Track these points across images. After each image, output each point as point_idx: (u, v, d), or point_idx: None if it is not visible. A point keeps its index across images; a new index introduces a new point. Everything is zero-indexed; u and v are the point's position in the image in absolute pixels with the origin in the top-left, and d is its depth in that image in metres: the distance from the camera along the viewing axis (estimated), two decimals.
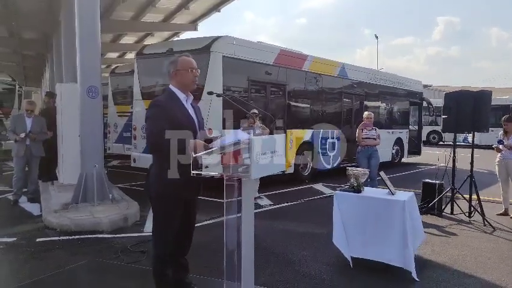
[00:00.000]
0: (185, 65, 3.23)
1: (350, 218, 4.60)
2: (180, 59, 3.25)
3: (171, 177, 2.99)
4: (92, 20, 7.23)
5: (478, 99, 6.94)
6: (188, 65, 3.24)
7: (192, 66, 3.25)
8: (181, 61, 3.24)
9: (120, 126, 13.41)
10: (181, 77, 3.23)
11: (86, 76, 7.19)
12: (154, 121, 3.09)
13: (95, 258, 4.87)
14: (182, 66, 3.23)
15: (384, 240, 4.43)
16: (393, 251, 4.37)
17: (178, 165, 3.02)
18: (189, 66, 3.24)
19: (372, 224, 4.50)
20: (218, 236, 5.06)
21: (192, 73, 3.23)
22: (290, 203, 8.10)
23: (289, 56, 10.55)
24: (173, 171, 3.00)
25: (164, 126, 2.98)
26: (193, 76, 3.25)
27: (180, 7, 16.41)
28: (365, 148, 8.29)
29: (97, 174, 6.91)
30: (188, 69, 3.23)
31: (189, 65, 3.24)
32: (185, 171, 2.97)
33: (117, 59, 27.44)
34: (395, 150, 14.69)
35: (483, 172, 11.28)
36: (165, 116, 3.08)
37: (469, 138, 19.13)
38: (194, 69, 3.25)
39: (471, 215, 6.93)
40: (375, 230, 4.47)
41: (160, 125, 3.00)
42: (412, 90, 16.06)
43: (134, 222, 6.41)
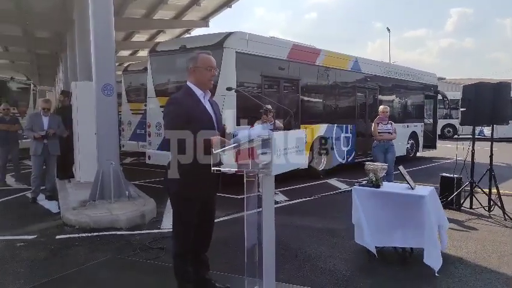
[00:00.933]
0: (204, 63, 3.22)
1: (370, 213, 4.55)
2: (200, 56, 3.24)
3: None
4: (106, 18, 7.26)
5: (497, 91, 6.81)
6: (207, 63, 3.23)
7: (210, 65, 3.24)
8: (200, 58, 3.24)
9: (134, 123, 13.50)
10: (199, 74, 3.22)
11: (101, 74, 7.23)
12: (173, 119, 3.09)
13: (115, 255, 4.90)
14: (201, 64, 3.22)
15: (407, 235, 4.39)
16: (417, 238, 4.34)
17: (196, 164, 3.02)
18: (208, 64, 3.23)
19: (394, 220, 4.45)
20: (236, 232, 5.10)
21: (210, 72, 3.23)
22: (306, 199, 8.08)
23: (302, 51, 10.48)
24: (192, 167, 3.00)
25: (183, 123, 2.98)
26: (211, 75, 3.24)
27: (191, 3, 16.39)
28: (381, 142, 8.20)
29: (113, 172, 6.95)
30: (207, 68, 3.22)
31: (208, 63, 3.23)
32: (205, 169, 2.96)
33: (129, 56, 27.58)
34: (409, 144, 14.54)
35: (501, 166, 11.11)
36: (183, 113, 3.07)
37: (485, 131, 18.91)
38: (213, 68, 3.24)
39: (491, 209, 6.82)
40: (397, 226, 4.43)
41: (179, 122, 3.00)
42: (427, 83, 15.85)
43: (151, 219, 6.45)
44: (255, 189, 3.13)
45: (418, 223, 4.34)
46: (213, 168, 2.93)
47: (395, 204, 4.48)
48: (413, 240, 4.42)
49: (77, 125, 8.81)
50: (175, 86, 9.32)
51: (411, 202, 4.43)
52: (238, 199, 7.07)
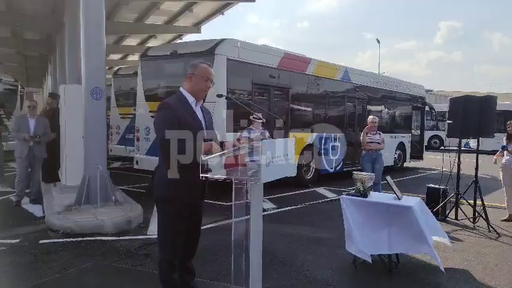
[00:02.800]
0: (202, 73, 3.24)
1: (358, 223, 4.57)
2: (201, 65, 3.27)
3: (172, 177, 3.00)
4: (97, 22, 7.23)
5: (483, 104, 6.91)
6: (205, 74, 3.24)
7: (208, 75, 3.25)
8: (200, 67, 3.26)
9: (122, 128, 13.41)
10: (195, 82, 3.24)
11: (90, 77, 7.18)
12: (165, 123, 3.09)
13: (99, 261, 4.84)
14: (199, 72, 3.24)
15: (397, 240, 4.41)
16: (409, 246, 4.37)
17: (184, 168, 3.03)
18: (205, 74, 3.24)
19: (381, 229, 4.47)
20: (223, 240, 5.08)
21: (205, 82, 3.24)
22: (294, 207, 8.08)
23: (293, 60, 10.54)
24: (180, 172, 3.01)
25: (174, 127, 2.99)
26: (206, 86, 3.25)
27: (184, 10, 16.42)
28: (369, 152, 8.26)
29: (100, 176, 6.88)
30: (204, 77, 3.23)
31: (206, 73, 3.25)
32: (193, 174, 2.96)
33: (120, 60, 27.45)
34: (397, 154, 14.66)
35: (486, 177, 11.26)
36: (174, 117, 3.08)
37: (470, 144, 19.15)
38: (209, 79, 3.25)
39: (475, 220, 6.89)
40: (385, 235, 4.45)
41: (171, 127, 3.01)
42: (414, 94, 16.04)
43: (138, 224, 6.38)
44: (243, 196, 3.12)
45: (406, 231, 4.37)
46: (201, 175, 2.93)
47: (382, 214, 4.50)
48: (400, 245, 4.43)
49: (65, 128, 8.72)
50: (165, 91, 9.29)
51: (398, 212, 4.46)
52: (226, 206, 7.05)
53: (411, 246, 4.40)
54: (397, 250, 4.53)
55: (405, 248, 4.48)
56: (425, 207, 4.95)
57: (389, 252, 4.52)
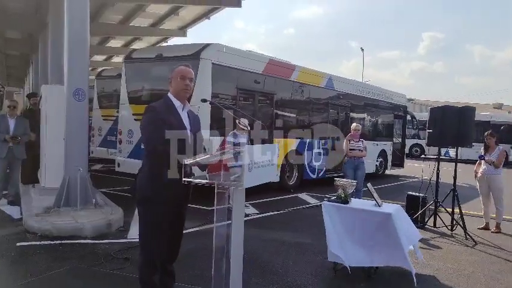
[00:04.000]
0: (176, 73, 3.29)
1: (339, 229, 4.61)
2: (176, 68, 3.33)
3: (171, 177, 3.02)
4: (82, 23, 7.16)
5: (462, 114, 7.07)
6: (179, 73, 3.28)
7: (182, 74, 3.28)
8: (176, 69, 3.32)
9: (105, 130, 13.28)
10: (174, 84, 3.30)
11: (73, 78, 7.10)
12: (151, 126, 3.13)
13: (78, 264, 4.77)
14: (175, 74, 3.30)
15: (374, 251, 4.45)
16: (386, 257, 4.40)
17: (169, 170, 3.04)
18: (180, 74, 3.28)
19: (360, 235, 4.53)
20: (204, 244, 5.06)
21: (182, 81, 3.26)
22: (276, 212, 8.10)
23: (277, 66, 10.61)
24: (173, 172, 3.04)
25: (160, 130, 3.01)
26: (184, 85, 3.27)
27: (170, 13, 16.40)
28: (351, 159, 8.35)
29: (80, 178, 6.79)
30: (180, 77, 3.26)
31: (180, 73, 3.28)
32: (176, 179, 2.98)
33: (103, 62, 27.20)
34: (379, 162, 14.84)
35: (464, 186, 11.47)
36: (159, 120, 3.11)
37: (450, 153, 19.52)
38: (186, 78, 3.27)
39: (453, 228, 7.02)
40: (364, 241, 4.50)
41: (157, 129, 3.04)
42: (397, 103, 16.29)
43: (118, 228, 6.31)
44: (225, 201, 3.13)
45: (385, 240, 4.42)
46: (184, 179, 2.94)
47: (362, 221, 4.56)
48: (379, 258, 4.47)
49: (45, 129, 8.58)
50: (149, 94, 9.26)
51: (378, 219, 4.51)
52: (208, 210, 7.03)
53: (389, 258, 4.43)
54: (375, 262, 4.54)
55: (384, 260, 4.50)
56: (404, 214, 5.03)
57: (367, 265, 4.55)
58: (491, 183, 7.31)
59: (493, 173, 7.28)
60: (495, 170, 7.26)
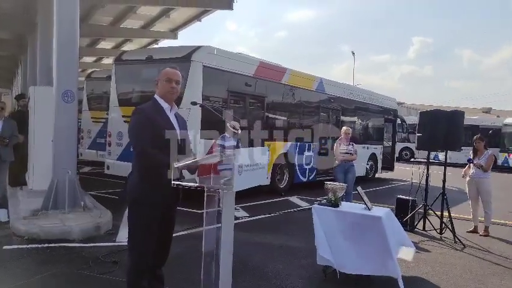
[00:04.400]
0: (163, 75, 3.27)
1: (329, 232, 4.60)
2: (163, 70, 3.30)
3: (161, 179, 3.00)
4: (71, 23, 7.10)
5: (451, 118, 7.12)
6: (165, 76, 3.26)
7: (168, 76, 3.25)
8: (162, 71, 3.29)
9: (94, 132, 13.18)
10: (160, 86, 3.27)
11: (62, 80, 7.03)
12: (139, 129, 3.11)
13: (65, 268, 4.71)
14: (161, 76, 3.27)
15: (364, 255, 4.44)
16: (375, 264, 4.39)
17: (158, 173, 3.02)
18: (167, 76, 3.25)
19: (350, 239, 4.52)
20: (194, 247, 5.02)
21: (169, 84, 3.23)
22: (266, 215, 8.09)
23: (268, 69, 10.62)
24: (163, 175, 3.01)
25: (149, 133, 2.99)
26: (170, 87, 3.24)
27: (161, 15, 16.37)
28: (342, 163, 8.37)
29: (69, 181, 6.72)
30: (166, 79, 3.24)
31: (167, 75, 3.26)
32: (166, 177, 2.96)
33: (93, 63, 27.03)
34: (369, 165, 14.90)
35: (453, 190, 11.56)
36: (148, 123, 3.10)
37: (439, 156, 19.69)
38: (172, 80, 3.24)
39: (442, 231, 7.06)
40: (354, 245, 4.49)
41: (146, 132, 3.02)
42: (387, 107, 16.39)
43: (107, 231, 6.25)
44: (215, 204, 3.11)
45: (374, 245, 4.42)
46: (173, 182, 2.92)
47: (352, 224, 4.56)
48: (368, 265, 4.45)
49: (34, 130, 8.50)
50: (139, 96, 9.20)
51: (368, 222, 4.52)
52: (199, 214, 6.99)
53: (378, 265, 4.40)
54: (364, 270, 4.50)
55: (372, 268, 4.47)
56: (394, 218, 5.03)
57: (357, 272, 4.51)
58: (480, 187, 7.37)
59: (481, 177, 7.34)
60: (484, 174, 7.33)
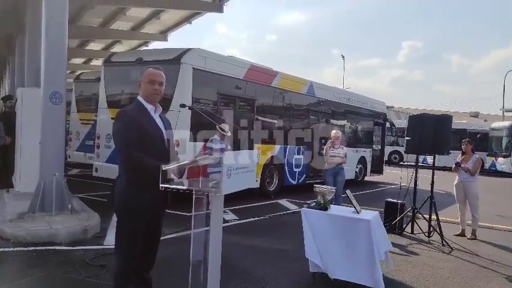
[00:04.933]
0: (146, 76, 3.22)
1: (318, 235, 4.60)
2: (145, 71, 3.25)
3: (149, 183, 2.96)
4: (60, 24, 7.03)
5: (439, 122, 7.18)
6: (147, 77, 3.21)
7: (151, 78, 3.20)
8: (145, 73, 3.24)
9: (83, 134, 13.06)
10: (143, 87, 3.22)
11: (50, 81, 6.96)
12: (125, 132, 3.05)
13: (52, 271, 4.64)
14: (144, 77, 3.22)
15: (352, 259, 4.44)
16: (362, 271, 4.39)
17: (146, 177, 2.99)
18: (149, 77, 3.20)
19: (339, 242, 4.52)
20: (182, 251, 4.98)
21: (151, 85, 3.18)
22: (256, 218, 8.08)
23: (259, 72, 10.63)
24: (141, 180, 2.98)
25: (135, 136, 2.95)
26: (152, 89, 3.19)
27: (151, 17, 16.33)
28: (331, 166, 8.39)
29: (56, 183, 6.65)
30: (149, 81, 3.19)
31: (150, 76, 3.21)
32: (154, 183, 2.93)
33: (83, 65, 26.85)
34: (358, 168, 14.97)
35: (441, 193, 11.65)
36: (133, 125, 3.05)
37: (428, 160, 19.83)
38: (155, 82, 3.19)
39: (430, 234, 7.11)
40: (343, 248, 4.50)
41: (131, 136, 2.97)
42: (376, 110, 16.49)
43: (94, 234, 6.19)
44: (203, 207, 3.10)
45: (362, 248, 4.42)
46: (161, 185, 2.90)
47: (341, 227, 4.56)
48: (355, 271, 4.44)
49: (21, 132, 8.39)
50: (129, 98, 9.13)
51: (356, 226, 4.53)
52: (187, 216, 6.95)
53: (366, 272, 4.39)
54: (353, 277, 4.46)
55: (360, 275, 4.44)
56: (380, 223, 5.03)
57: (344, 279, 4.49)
58: (467, 190, 7.44)
59: (469, 181, 7.41)
60: (471, 178, 7.40)
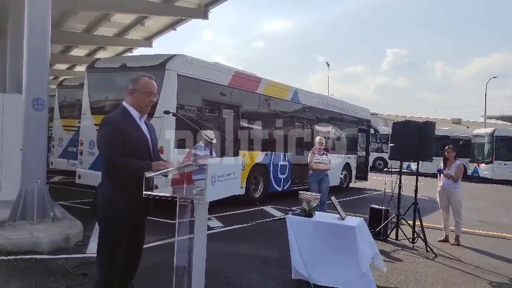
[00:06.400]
0: (144, 87, 3.17)
1: (303, 242, 4.60)
2: (141, 80, 3.19)
3: (135, 191, 2.94)
4: (43, 30, 6.95)
5: (423, 129, 7.26)
6: (147, 88, 3.17)
7: (150, 90, 3.18)
8: (141, 82, 3.18)
9: (66, 140, 12.91)
10: (138, 97, 3.17)
11: (32, 87, 6.85)
12: (110, 139, 3.00)
13: (33, 281, 4.55)
14: (141, 87, 3.17)
15: (337, 266, 4.44)
16: (348, 277, 4.39)
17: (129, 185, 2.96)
18: (148, 89, 3.18)
19: (324, 249, 4.53)
20: (166, 258, 4.94)
21: (149, 97, 3.17)
22: (241, 225, 8.04)
23: (244, 78, 10.64)
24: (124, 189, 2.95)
25: (120, 144, 2.91)
26: (149, 100, 3.18)
27: (135, 23, 16.24)
28: (316, 172, 8.42)
29: (38, 191, 6.53)
30: (147, 92, 3.16)
31: (149, 88, 3.18)
32: (137, 191, 2.90)
33: (66, 71, 26.54)
34: (343, 175, 15.05)
35: (425, 199, 11.78)
36: (119, 133, 3.00)
37: (412, 166, 20.06)
38: (152, 94, 3.19)
39: (414, 241, 7.15)
40: (328, 255, 4.50)
41: (116, 143, 2.93)
42: (361, 117, 16.64)
43: (77, 242, 6.09)
44: (188, 214, 3.07)
45: (347, 255, 4.43)
46: (145, 193, 2.87)
47: (326, 234, 4.57)
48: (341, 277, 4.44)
49: (1, 139, 8.24)
50: (113, 105, 9.05)
51: (341, 232, 4.54)
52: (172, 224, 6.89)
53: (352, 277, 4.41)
54: (337, 283, 4.47)
55: (345, 280, 4.45)
56: (366, 229, 5.06)
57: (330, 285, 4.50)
58: (450, 197, 7.53)
59: (451, 187, 7.51)
60: (454, 184, 7.50)
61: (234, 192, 3.26)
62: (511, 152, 24.25)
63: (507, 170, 23.66)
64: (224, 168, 3.05)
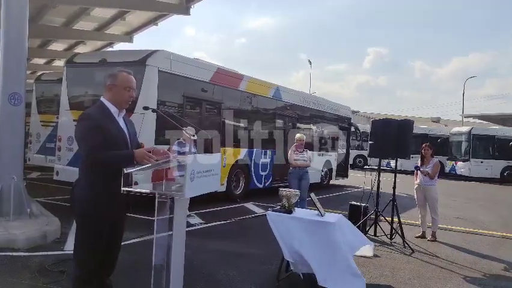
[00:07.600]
0: (123, 83, 3.12)
1: (284, 238, 4.63)
2: (120, 75, 3.14)
3: (114, 187, 2.92)
4: (20, 22, 6.81)
5: (401, 127, 7.37)
6: (126, 84, 3.13)
7: (129, 85, 3.14)
8: (120, 77, 3.13)
9: (43, 136, 12.68)
10: (117, 93, 3.12)
11: (9, 82, 6.72)
12: (88, 135, 2.95)
13: (9, 278, 4.47)
14: (120, 83, 3.11)
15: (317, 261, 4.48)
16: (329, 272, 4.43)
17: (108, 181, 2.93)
18: (127, 84, 3.13)
19: (304, 244, 4.56)
20: (145, 255, 4.89)
21: (128, 92, 3.13)
22: (221, 222, 8.05)
23: (225, 75, 10.62)
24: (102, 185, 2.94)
25: (99, 137, 2.88)
26: (129, 96, 3.14)
27: (116, 17, 16.04)
28: (296, 169, 8.48)
29: (14, 187, 6.42)
30: (126, 88, 3.12)
31: (127, 83, 3.13)
32: (116, 187, 2.88)
33: (44, 65, 26.05)
34: (324, 172, 15.17)
35: (403, 196, 11.98)
36: (97, 128, 2.96)
37: (391, 164, 20.36)
38: (131, 89, 3.15)
39: (392, 237, 7.28)
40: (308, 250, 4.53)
41: (96, 138, 2.89)
42: (341, 115, 16.79)
43: (54, 239, 6.00)
44: (167, 211, 3.07)
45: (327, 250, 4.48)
46: (123, 189, 2.85)
47: (305, 231, 4.61)
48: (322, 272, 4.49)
49: None
50: (92, 100, 8.93)
51: (320, 229, 4.59)
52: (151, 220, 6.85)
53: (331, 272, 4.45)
54: (319, 278, 4.46)
55: (325, 276, 4.49)
56: (348, 223, 5.13)
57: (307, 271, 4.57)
58: (427, 193, 7.68)
59: (428, 184, 7.65)
60: (430, 181, 7.64)
61: (213, 188, 3.26)
62: (488, 150, 24.86)
63: (483, 168, 24.24)
64: (203, 165, 3.05)
